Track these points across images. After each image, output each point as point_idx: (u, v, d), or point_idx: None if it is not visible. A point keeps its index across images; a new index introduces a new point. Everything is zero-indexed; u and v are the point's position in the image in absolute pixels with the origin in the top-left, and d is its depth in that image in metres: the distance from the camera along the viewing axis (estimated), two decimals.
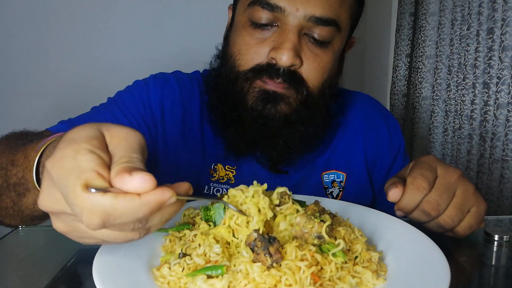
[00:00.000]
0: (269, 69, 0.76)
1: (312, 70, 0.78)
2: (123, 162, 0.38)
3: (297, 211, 0.54)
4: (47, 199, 0.41)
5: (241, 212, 0.52)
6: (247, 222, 0.52)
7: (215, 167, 0.88)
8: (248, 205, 0.52)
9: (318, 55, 0.78)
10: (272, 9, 0.75)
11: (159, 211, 0.39)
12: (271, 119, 0.78)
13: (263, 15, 0.76)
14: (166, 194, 0.37)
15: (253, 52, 0.78)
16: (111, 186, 0.38)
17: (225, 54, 0.84)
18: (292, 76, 0.77)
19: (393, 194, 0.61)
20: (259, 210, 0.53)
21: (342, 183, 0.92)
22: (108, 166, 0.39)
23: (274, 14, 0.75)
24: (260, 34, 0.78)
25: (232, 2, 0.88)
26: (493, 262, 0.61)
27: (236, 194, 0.54)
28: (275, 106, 0.78)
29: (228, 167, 0.88)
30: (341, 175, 0.92)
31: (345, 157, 0.93)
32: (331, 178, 0.91)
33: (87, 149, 0.39)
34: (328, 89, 0.83)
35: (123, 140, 0.41)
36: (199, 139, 0.88)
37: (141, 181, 0.37)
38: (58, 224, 0.43)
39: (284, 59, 0.74)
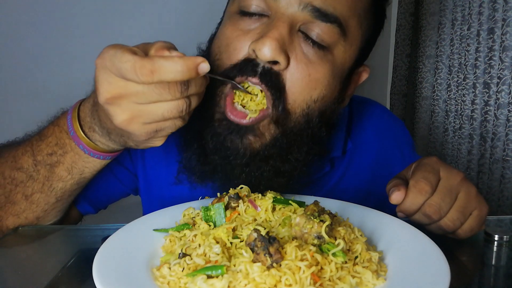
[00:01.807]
0: (244, 66, 0.63)
1: (299, 79, 0.63)
2: (159, 44, 0.51)
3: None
4: (106, 88, 0.51)
5: (247, 91, 0.64)
6: (250, 100, 0.65)
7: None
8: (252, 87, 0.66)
9: (312, 62, 0.64)
10: None
11: (194, 80, 0.51)
12: (234, 153, 0.65)
13: (254, 1, 0.64)
14: (199, 58, 0.48)
15: (232, 48, 0.65)
16: None
17: (206, 54, 0.72)
18: (272, 79, 0.63)
19: (396, 197, 0.60)
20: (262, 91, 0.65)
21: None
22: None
23: (266, 0, 0.64)
24: (246, 25, 0.65)
25: None
26: (493, 262, 0.61)
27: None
28: (242, 138, 0.65)
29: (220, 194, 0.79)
30: None
31: (351, 189, 0.84)
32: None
33: (124, 45, 0.50)
34: (318, 116, 0.67)
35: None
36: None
37: (179, 55, 0.49)
38: (121, 115, 0.52)
39: (265, 49, 0.60)
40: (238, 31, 0.66)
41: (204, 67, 0.49)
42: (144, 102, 0.51)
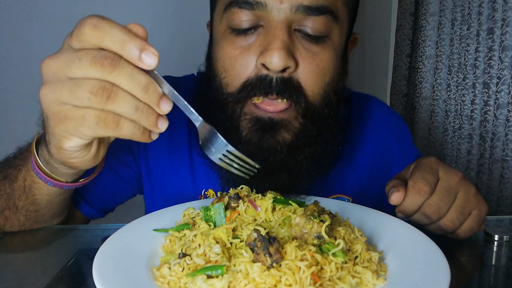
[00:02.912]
0: (259, 84, 0.64)
1: (310, 72, 0.66)
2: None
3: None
4: (50, 62, 0.47)
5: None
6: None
7: (206, 193, 0.80)
8: None
9: (316, 54, 0.66)
10: (251, 7, 0.63)
11: (128, 70, 0.43)
12: (272, 153, 0.66)
13: (244, 17, 0.64)
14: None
15: (239, 65, 0.66)
16: None
17: (210, 75, 0.72)
18: (287, 86, 0.64)
19: (395, 198, 0.61)
20: None
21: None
22: None
23: (256, 13, 0.64)
24: (243, 41, 0.66)
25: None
26: (493, 262, 0.61)
27: None
28: (275, 135, 0.66)
29: (221, 194, 0.79)
30: (346, 200, 0.83)
31: (351, 179, 0.85)
32: None
33: None
34: (334, 95, 0.71)
35: None
36: (187, 161, 0.81)
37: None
38: (46, 77, 0.48)
39: (275, 61, 0.61)
40: (239, 48, 0.66)
41: (151, 60, 0.43)
42: (68, 73, 0.44)
